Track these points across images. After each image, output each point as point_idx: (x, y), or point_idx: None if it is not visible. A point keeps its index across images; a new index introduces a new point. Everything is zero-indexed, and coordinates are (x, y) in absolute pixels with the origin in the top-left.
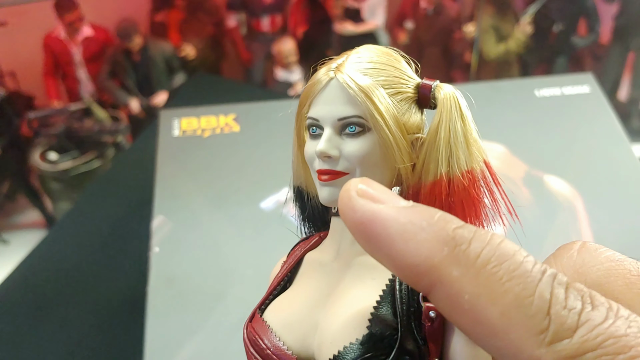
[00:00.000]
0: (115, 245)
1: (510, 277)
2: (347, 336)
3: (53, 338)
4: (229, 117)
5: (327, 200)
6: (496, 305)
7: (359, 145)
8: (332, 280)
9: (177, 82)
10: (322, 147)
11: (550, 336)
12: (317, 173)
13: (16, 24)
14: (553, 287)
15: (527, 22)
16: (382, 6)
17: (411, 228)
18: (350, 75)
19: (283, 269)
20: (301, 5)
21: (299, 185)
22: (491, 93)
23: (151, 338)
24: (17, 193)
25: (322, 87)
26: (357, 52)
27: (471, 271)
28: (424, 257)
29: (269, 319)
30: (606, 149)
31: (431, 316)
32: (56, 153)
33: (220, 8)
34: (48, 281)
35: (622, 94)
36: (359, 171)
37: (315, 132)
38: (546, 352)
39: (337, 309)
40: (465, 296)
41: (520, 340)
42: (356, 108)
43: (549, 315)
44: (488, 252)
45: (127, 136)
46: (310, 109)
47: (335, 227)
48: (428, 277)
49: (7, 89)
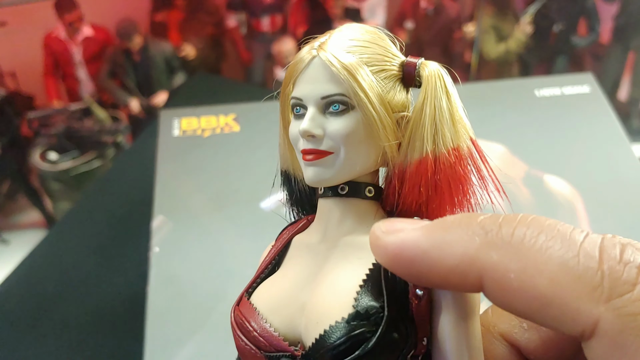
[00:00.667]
0: (115, 245)
1: (550, 245)
2: (333, 315)
3: (53, 338)
4: (229, 117)
5: (312, 180)
6: (543, 274)
7: (343, 123)
8: (319, 261)
9: (177, 82)
10: (306, 126)
11: (606, 292)
12: (302, 153)
13: (16, 24)
14: (603, 244)
15: (527, 22)
16: (382, 6)
17: (439, 236)
18: (333, 53)
19: (271, 252)
20: (301, 5)
21: (285, 168)
22: (491, 93)
23: (151, 338)
24: (17, 193)
25: (305, 66)
26: (340, 30)
27: (510, 250)
28: (460, 254)
29: (256, 302)
30: (606, 149)
31: (418, 294)
32: (56, 153)
33: (220, 8)
34: (48, 281)
35: (622, 93)
36: (344, 150)
37: (299, 112)
38: (605, 309)
39: (322, 289)
40: (511, 275)
41: (574, 302)
42: (339, 86)
43: (601, 270)
44: (521, 229)
45: (127, 136)
46: (294, 88)
47: (321, 208)
48: (472, 271)
49: (7, 89)
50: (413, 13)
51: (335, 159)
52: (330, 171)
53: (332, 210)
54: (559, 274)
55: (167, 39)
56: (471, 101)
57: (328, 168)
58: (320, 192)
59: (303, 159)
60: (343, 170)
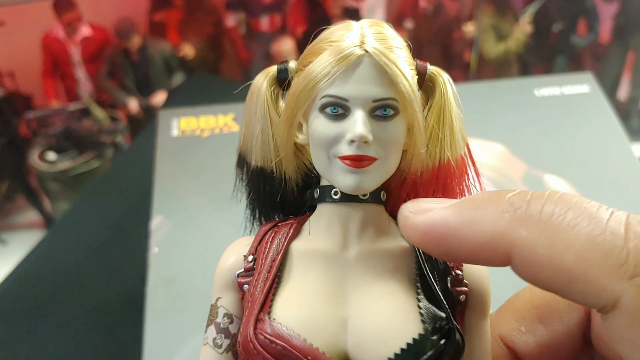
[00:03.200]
0: (114, 246)
1: (577, 222)
2: (405, 333)
3: (51, 338)
4: (228, 117)
5: (353, 188)
6: (570, 250)
7: (394, 129)
8: (347, 272)
9: (175, 81)
10: (363, 131)
11: (631, 269)
12: (342, 159)
13: (14, 23)
14: (628, 222)
15: (527, 21)
16: (381, 5)
17: (469, 213)
18: (385, 53)
19: (267, 261)
20: (300, 4)
21: (263, 166)
22: (491, 92)
23: (150, 338)
24: (16, 193)
25: (353, 63)
26: (370, 26)
27: (538, 226)
28: (490, 230)
29: (286, 322)
30: (606, 149)
31: (461, 300)
32: (55, 153)
33: (219, 8)
34: (46, 281)
35: (622, 93)
36: (388, 157)
37: (336, 111)
38: (628, 286)
39: (373, 305)
40: (539, 250)
41: (599, 278)
42: (391, 89)
43: (627, 248)
44: (549, 206)
45: (126, 136)
46: (333, 86)
47: (333, 213)
48: (502, 247)
49: (6, 89)
50: (412, 12)
51: (380, 166)
52: (373, 178)
53: (351, 216)
54: (586, 251)
55: (165, 38)
56: (471, 101)
57: (372, 175)
58: (336, 197)
59: (343, 164)
60: (382, 177)
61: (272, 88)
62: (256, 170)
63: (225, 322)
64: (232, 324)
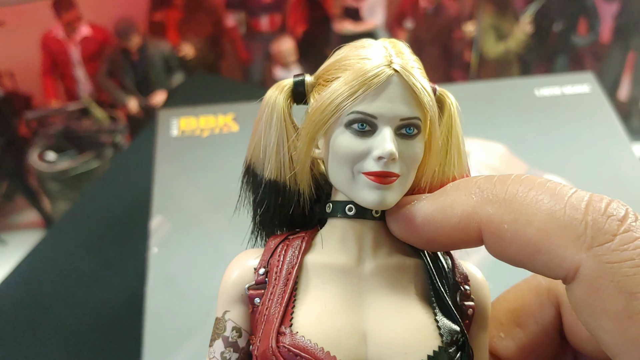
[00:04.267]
0: (113, 246)
1: (540, 199)
2: (424, 345)
3: (51, 338)
4: (227, 117)
5: (377, 204)
6: (532, 224)
7: (417, 147)
8: (364, 286)
9: (175, 81)
10: (392, 149)
11: (589, 241)
12: (367, 174)
13: (14, 23)
14: (590, 199)
15: (527, 21)
16: (381, 5)
17: (441, 200)
18: (411, 72)
19: (282, 274)
20: (300, 4)
21: (276, 179)
22: (491, 92)
23: (150, 339)
24: (15, 193)
25: (382, 82)
26: (395, 46)
27: (503, 204)
28: (460, 212)
29: (309, 335)
30: (606, 149)
31: (469, 314)
32: (54, 153)
33: (219, 7)
34: (46, 282)
35: (623, 93)
36: (410, 174)
37: (363, 128)
38: (586, 256)
39: (390, 318)
40: (504, 226)
41: (559, 249)
42: (417, 109)
43: (585, 221)
44: (514, 186)
45: (126, 136)
46: (363, 103)
47: (348, 229)
48: (472, 225)
49: (5, 89)
50: (412, 12)
51: (402, 183)
52: (396, 194)
53: (365, 232)
54: (546, 224)
55: (165, 38)
56: (471, 101)
57: (394, 191)
58: (351, 213)
59: (368, 179)
60: (402, 193)
61: (289, 101)
62: (269, 183)
63: (234, 335)
64: (240, 338)
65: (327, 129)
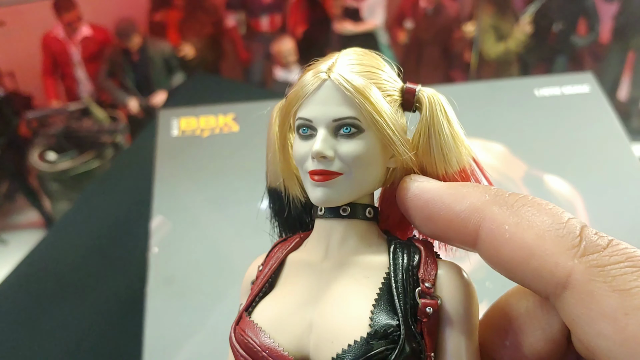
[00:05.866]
0: (114, 246)
1: (544, 212)
2: (350, 334)
3: (52, 338)
4: (228, 117)
5: (321, 200)
6: (532, 229)
7: (355, 146)
8: (323, 280)
9: (176, 81)
10: (319, 148)
11: (582, 251)
12: (310, 174)
13: (15, 23)
14: (584, 226)
15: (527, 21)
16: (381, 5)
17: (457, 187)
18: (345, 76)
19: (266, 270)
20: (300, 4)
21: (275, 186)
22: (491, 93)
23: (150, 338)
24: (16, 193)
25: (315, 88)
26: (346, 54)
27: (510, 209)
28: (468, 203)
29: (259, 320)
30: (606, 149)
31: (428, 312)
32: (55, 153)
33: (219, 7)
34: (47, 281)
35: (622, 93)
36: (353, 172)
37: (306, 132)
38: (578, 262)
39: (333, 308)
40: (505, 226)
41: (554, 256)
42: (351, 109)
43: (581, 236)
44: (524, 200)
45: (126, 136)
46: (302, 109)
47: (321, 228)
48: (473, 219)
49: (6, 89)
50: (412, 12)
51: (345, 180)
52: (338, 192)
53: (334, 230)
54: (545, 232)
55: (166, 38)
56: (471, 101)
57: (337, 189)
58: (321, 213)
59: (311, 179)
60: (351, 191)
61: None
62: (270, 190)
63: None
64: None
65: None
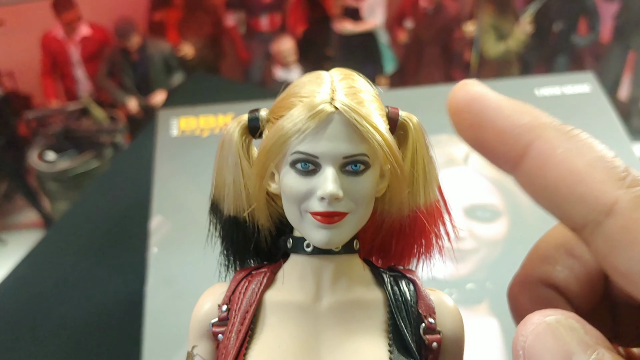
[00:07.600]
0: (113, 246)
1: (594, 145)
2: None
3: (51, 338)
4: (227, 117)
5: (324, 243)
6: (584, 157)
7: (365, 183)
8: (320, 325)
9: (175, 81)
10: (333, 190)
11: (628, 182)
12: (313, 214)
13: (14, 23)
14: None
15: (527, 21)
16: (381, 5)
17: (518, 103)
18: (355, 109)
19: (241, 311)
20: (300, 4)
21: (236, 214)
22: None
23: (149, 339)
24: (15, 193)
25: (323, 121)
26: (342, 79)
27: (566, 135)
28: (527, 119)
29: None
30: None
31: (434, 348)
32: (54, 153)
33: (219, 7)
34: (45, 282)
35: (623, 93)
36: (360, 209)
37: (306, 167)
38: (624, 192)
39: (344, 358)
40: (558, 150)
41: (602, 183)
42: (362, 145)
43: (627, 170)
44: (578, 131)
45: (125, 136)
46: (304, 143)
47: (307, 265)
48: (528, 135)
49: (5, 89)
50: (413, 12)
51: (352, 220)
52: (345, 232)
53: (325, 269)
54: (596, 162)
55: (165, 38)
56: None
57: (343, 229)
58: (308, 250)
59: (314, 219)
60: (355, 230)
61: (244, 137)
62: (229, 219)
63: None
64: None
65: (276, 166)
